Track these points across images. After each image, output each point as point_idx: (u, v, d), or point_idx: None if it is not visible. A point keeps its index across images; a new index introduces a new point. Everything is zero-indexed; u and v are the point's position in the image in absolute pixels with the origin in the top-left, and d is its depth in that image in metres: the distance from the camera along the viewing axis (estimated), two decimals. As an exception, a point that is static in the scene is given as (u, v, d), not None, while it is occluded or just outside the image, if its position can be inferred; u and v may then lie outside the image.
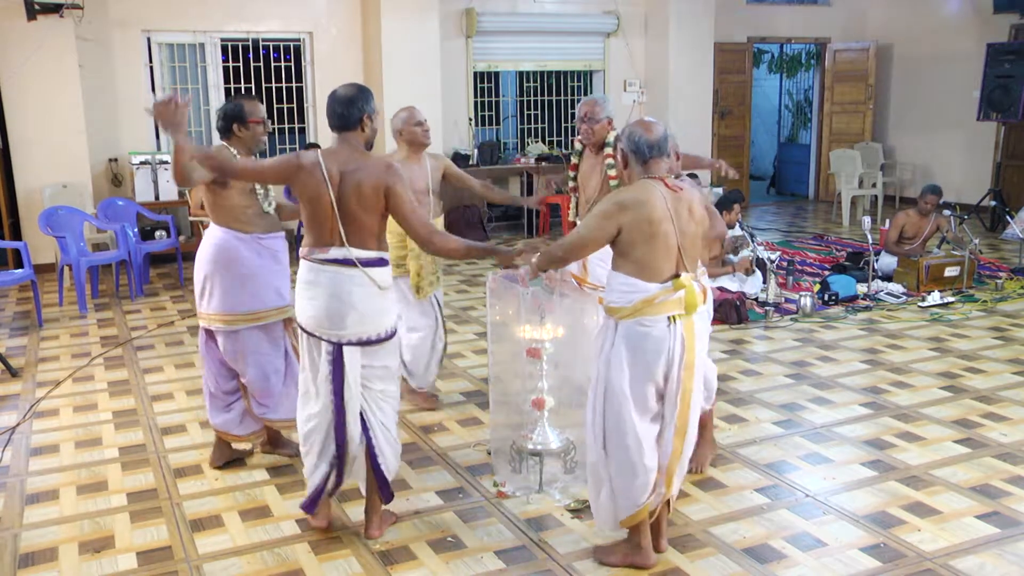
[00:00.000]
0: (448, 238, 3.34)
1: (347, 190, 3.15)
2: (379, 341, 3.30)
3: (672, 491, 3.20)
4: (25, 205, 8.32)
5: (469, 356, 5.81)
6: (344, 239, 3.19)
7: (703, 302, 3.11)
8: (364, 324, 3.24)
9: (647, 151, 3.07)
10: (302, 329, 3.35)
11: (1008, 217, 8.86)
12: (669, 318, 3.02)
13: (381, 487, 3.43)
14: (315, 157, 3.21)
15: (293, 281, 3.62)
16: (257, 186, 3.84)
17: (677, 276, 3.03)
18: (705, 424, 3.89)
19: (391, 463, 3.43)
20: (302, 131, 9.93)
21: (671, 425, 3.11)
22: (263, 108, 3.94)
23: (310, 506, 3.47)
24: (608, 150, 4.08)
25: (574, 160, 4.32)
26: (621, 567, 3.23)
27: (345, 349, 3.26)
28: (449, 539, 3.45)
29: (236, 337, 3.93)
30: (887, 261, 7.66)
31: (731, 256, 7.00)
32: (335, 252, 3.22)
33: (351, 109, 3.18)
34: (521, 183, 10.67)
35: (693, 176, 6.99)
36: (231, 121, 3.84)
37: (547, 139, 11.38)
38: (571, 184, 4.32)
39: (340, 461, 3.38)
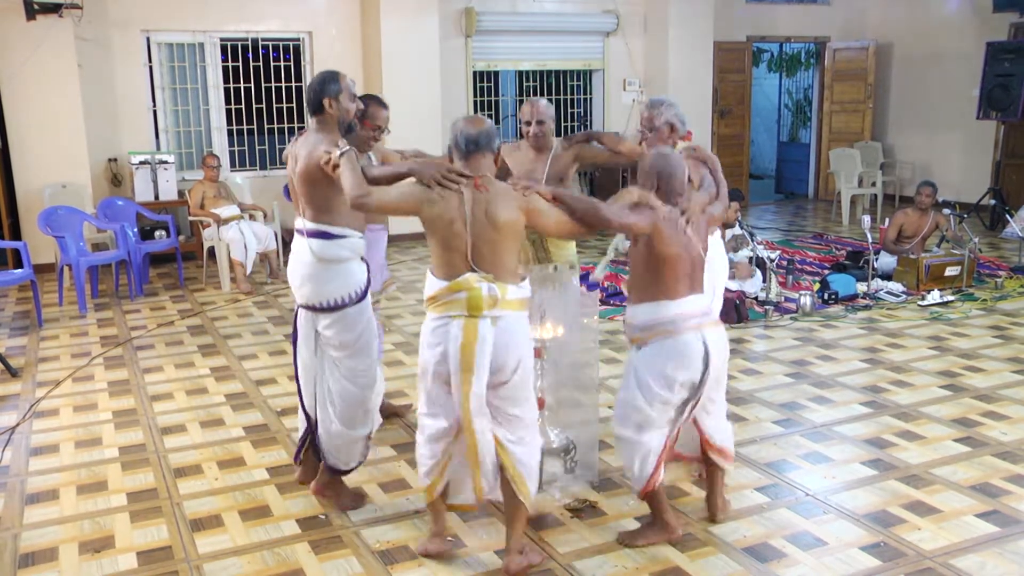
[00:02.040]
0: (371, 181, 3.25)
1: (300, 166, 3.44)
2: (323, 309, 3.48)
3: (480, 482, 3.15)
4: (25, 205, 8.31)
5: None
6: (302, 210, 3.52)
7: (491, 307, 2.99)
8: (306, 288, 3.49)
9: (467, 146, 3.07)
10: None
11: (1008, 216, 8.86)
12: (450, 317, 3.02)
13: (322, 458, 3.66)
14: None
15: None
16: None
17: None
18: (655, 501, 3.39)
19: (335, 440, 3.60)
20: (301, 130, 9.81)
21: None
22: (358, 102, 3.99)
23: (296, 455, 3.88)
24: None
25: None
26: (423, 552, 3.31)
27: (299, 311, 3.60)
28: (449, 539, 3.45)
29: None
30: (887, 260, 7.65)
31: (731, 255, 7.01)
32: (298, 222, 3.56)
33: (313, 94, 3.46)
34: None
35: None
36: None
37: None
38: None
39: (308, 421, 3.68)
